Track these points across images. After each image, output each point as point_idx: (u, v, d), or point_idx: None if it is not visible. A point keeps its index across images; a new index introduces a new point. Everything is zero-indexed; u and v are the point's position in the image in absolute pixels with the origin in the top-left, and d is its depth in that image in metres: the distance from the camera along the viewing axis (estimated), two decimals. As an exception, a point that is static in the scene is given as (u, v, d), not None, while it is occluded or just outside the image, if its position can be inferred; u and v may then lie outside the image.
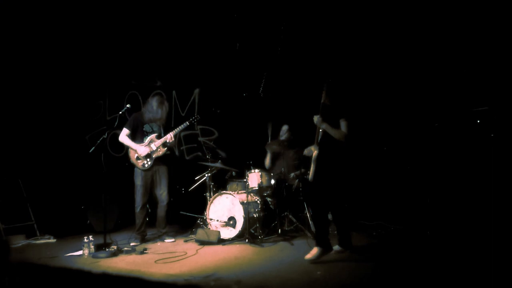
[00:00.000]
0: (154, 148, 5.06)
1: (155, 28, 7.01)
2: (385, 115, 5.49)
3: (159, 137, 5.13)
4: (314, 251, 3.69)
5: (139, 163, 5.05)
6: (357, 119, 3.96)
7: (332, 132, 3.83)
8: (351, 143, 3.84)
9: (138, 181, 5.07)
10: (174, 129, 5.17)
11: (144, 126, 5.13)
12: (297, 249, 4.28)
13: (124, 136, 5.09)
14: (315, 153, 3.94)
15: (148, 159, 5.05)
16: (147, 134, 5.11)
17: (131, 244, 4.88)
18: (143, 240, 5.14)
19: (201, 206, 5.55)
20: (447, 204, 4.78)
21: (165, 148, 5.17)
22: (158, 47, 7.19)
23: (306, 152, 4.04)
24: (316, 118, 3.89)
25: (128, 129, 5.10)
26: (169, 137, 5.09)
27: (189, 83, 7.21)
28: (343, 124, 3.84)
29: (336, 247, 3.90)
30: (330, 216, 4.96)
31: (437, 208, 4.78)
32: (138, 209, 5.06)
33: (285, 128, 5.79)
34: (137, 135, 5.11)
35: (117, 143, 5.28)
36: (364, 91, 5.52)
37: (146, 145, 5.05)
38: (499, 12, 4.62)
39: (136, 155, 5.05)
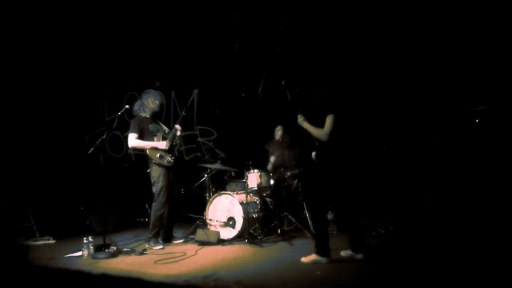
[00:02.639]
0: (171, 143, 4.88)
1: (154, 29, 7.00)
2: (385, 114, 5.49)
3: (167, 133, 5.00)
4: (313, 257, 3.65)
5: (165, 160, 4.79)
6: (346, 113, 3.82)
7: (313, 132, 3.76)
8: (340, 139, 3.73)
9: (162, 181, 4.77)
10: (176, 123, 5.08)
11: (149, 126, 4.95)
12: (297, 249, 4.28)
13: (135, 141, 4.82)
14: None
15: (171, 154, 4.86)
16: (155, 133, 4.92)
17: (155, 248, 4.66)
18: (168, 241, 4.98)
19: (201, 206, 5.55)
20: (447, 204, 4.78)
21: (179, 141, 5.07)
22: (157, 47, 7.19)
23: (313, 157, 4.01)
24: (299, 118, 3.87)
25: (135, 133, 4.83)
26: (178, 128, 4.98)
27: (188, 84, 7.21)
28: (327, 120, 3.70)
29: (348, 252, 3.78)
30: (330, 217, 5.00)
31: (437, 208, 4.78)
32: (161, 210, 4.77)
33: (278, 128, 5.83)
34: (145, 137, 4.88)
35: (116, 143, 5.24)
36: (363, 91, 5.53)
37: (162, 141, 4.86)
38: (498, 12, 4.63)
39: (159, 153, 4.81)
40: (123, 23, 7.08)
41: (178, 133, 5.02)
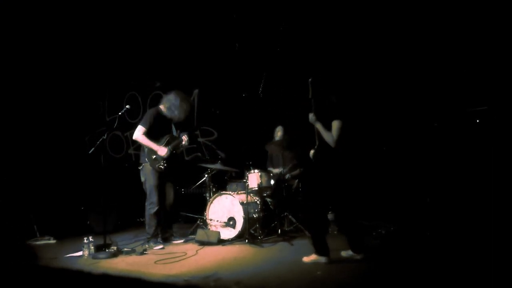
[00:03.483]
0: (172, 150, 4.86)
1: (155, 29, 7.01)
2: (385, 115, 5.49)
3: (174, 137, 4.98)
4: (313, 257, 3.66)
5: (156, 165, 4.77)
6: (351, 120, 3.78)
7: (323, 133, 3.73)
8: (343, 147, 3.69)
9: (152, 181, 4.76)
10: (186, 132, 5.07)
11: (161, 125, 4.91)
12: (297, 249, 4.28)
13: (141, 135, 4.76)
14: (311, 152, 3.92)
15: (164, 161, 4.81)
16: (164, 134, 4.90)
17: (155, 248, 4.65)
18: (168, 240, 4.96)
19: (201, 206, 5.55)
20: (447, 204, 4.78)
21: (180, 150, 5.09)
22: (157, 47, 7.20)
23: (311, 155, 4.00)
24: (311, 116, 3.82)
25: (145, 127, 4.77)
26: (185, 139, 4.98)
27: (188, 84, 7.21)
28: (334, 126, 3.67)
29: (348, 252, 3.78)
30: (330, 217, 5.00)
31: (437, 208, 4.78)
32: (154, 210, 4.74)
33: (278, 129, 5.84)
34: (153, 134, 4.83)
35: (117, 144, 5.24)
36: (363, 91, 5.53)
37: (165, 146, 4.82)
38: (498, 12, 4.63)
39: (155, 156, 4.78)
40: (124, 23, 7.10)
41: (183, 142, 5.01)
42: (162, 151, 4.80)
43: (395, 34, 5.33)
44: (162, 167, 4.81)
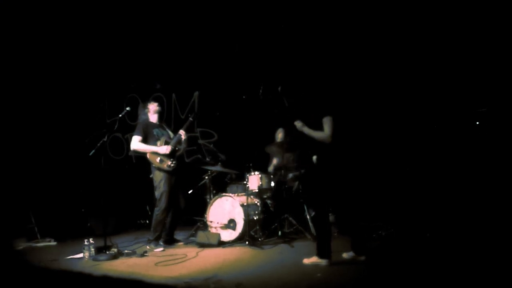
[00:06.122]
0: (173, 147, 4.90)
1: (155, 31, 7.02)
2: (385, 116, 5.50)
3: (171, 138, 5.02)
4: (314, 259, 3.66)
5: (165, 165, 4.81)
6: (343, 114, 3.82)
7: (314, 135, 3.76)
8: (340, 141, 3.73)
9: (163, 186, 4.80)
10: (182, 127, 5.09)
11: (154, 130, 4.98)
12: (297, 251, 4.29)
13: (137, 143, 4.88)
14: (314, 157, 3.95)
15: (172, 159, 4.85)
16: (159, 138, 4.94)
17: (156, 250, 4.70)
18: (170, 243, 4.98)
19: (201, 208, 5.56)
20: (447, 206, 4.79)
21: (183, 147, 5.11)
22: (157, 50, 7.20)
23: (314, 161, 4.03)
24: (297, 123, 3.86)
25: (140, 135, 4.89)
26: (183, 133, 5.01)
27: (189, 86, 7.23)
28: (325, 123, 3.70)
29: (350, 254, 3.78)
30: (330, 219, 4.99)
31: (437, 209, 4.79)
32: (162, 215, 4.80)
33: (279, 130, 5.85)
34: (149, 140, 4.92)
35: (117, 146, 5.25)
36: (363, 91, 5.53)
37: (164, 145, 4.88)
38: (498, 12, 4.64)
39: (159, 158, 4.83)
40: (124, 25, 7.10)
41: (183, 138, 5.03)
42: (162, 149, 4.84)
43: (396, 36, 5.33)
44: (172, 164, 4.84)
